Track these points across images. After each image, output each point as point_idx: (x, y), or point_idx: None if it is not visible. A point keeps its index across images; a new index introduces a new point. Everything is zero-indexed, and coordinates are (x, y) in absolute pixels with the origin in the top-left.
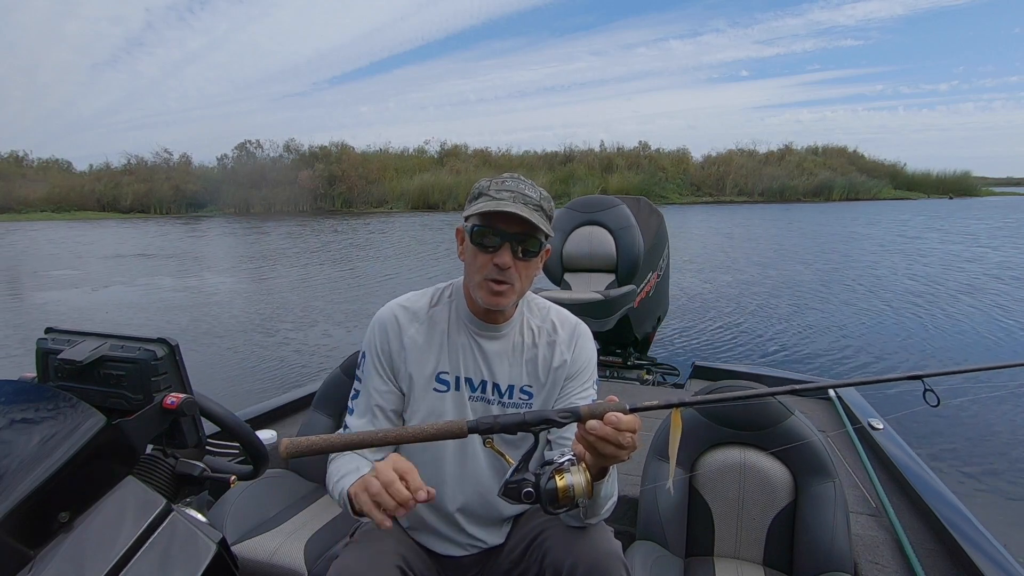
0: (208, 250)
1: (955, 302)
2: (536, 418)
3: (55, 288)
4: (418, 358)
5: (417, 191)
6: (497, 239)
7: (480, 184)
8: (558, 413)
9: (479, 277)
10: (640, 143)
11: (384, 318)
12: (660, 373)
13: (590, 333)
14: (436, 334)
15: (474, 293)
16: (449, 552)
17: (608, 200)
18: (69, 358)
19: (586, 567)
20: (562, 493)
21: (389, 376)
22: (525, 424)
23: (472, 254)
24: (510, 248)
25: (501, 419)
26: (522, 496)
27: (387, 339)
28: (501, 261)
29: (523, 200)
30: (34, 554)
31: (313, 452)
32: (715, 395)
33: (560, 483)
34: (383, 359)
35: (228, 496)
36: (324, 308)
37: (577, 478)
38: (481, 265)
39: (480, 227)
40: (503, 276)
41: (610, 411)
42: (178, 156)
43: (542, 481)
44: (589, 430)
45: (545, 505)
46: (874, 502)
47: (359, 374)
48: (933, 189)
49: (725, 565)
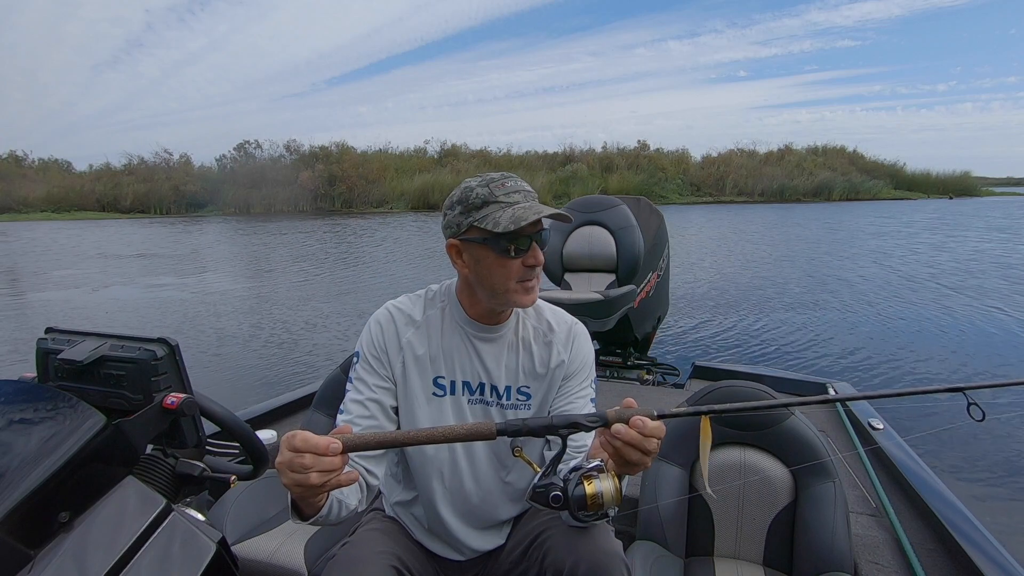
0: (208, 250)
1: (956, 301)
2: (563, 421)
3: (55, 288)
4: (415, 362)
5: (417, 191)
6: (526, 243)
7: (477, 192)
8: (586, 417)
9: (511, 283)
10: (640, 143)
11: (381, 318)
12: (660, 373)
13: (587, 332)
14: (432, 338)
15: (507, 299)
16: (449, 554)
17: (608, 200)
18: (69, 358)
19: (587, 567)
20: (591, 499)
21: (387, 375)
22: (552, 427)
23: (497, 263)
24: (536, 244)
25: (529, 422)
26: (550, 500)
27: (383, 339)
28: (536, 260)
29: (532, 197)
30: (34, 554)
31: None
32: (740, 403)
33: (589, 489)
34: (380, 358)
35: (228, 496)
36: (324, 308)
37: (606, 484)
38: (513, 271)
39: (510, 236)
40: (535, 272)
41: (637, 415)
42: (178, 156)
43: (570, 487)
44: (615, 434)
45: (573, 510)
46: (874, 502)
47: (353, 374)
48: (933, 189)
49: (725, 565)
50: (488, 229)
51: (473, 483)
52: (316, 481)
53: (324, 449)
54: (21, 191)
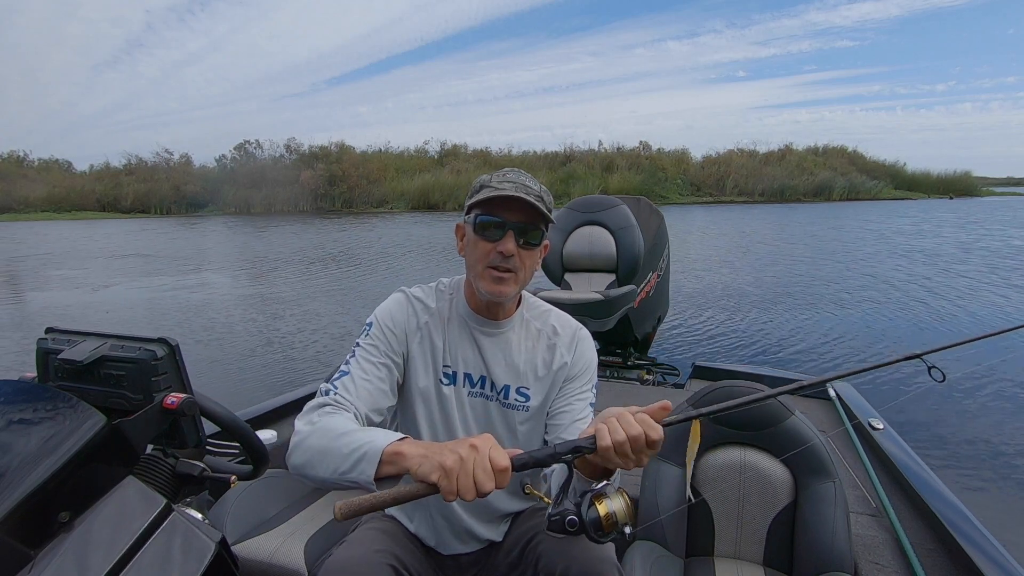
0: (208, 250)
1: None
2: (566, 448)
3: (55, 288)
4: (430, 347)
5: (418, 191)
6: (500, 228)
7: (481, 178)
8: (586, 441)
9: (481, 266)
10: (641, 143)
11: (400, 298)
12: (660, 373)
13: (591, 337)
14: (440, 327)
15: (476, 284)
16: (449, 549)
17: (608, 200)
18: (69, 358)
19: (579, 573)
20: (605, 521)
21: (400, 350)
22: (557, 455)
23: (474, 244)
24: (513, 236)
25: (535, 455)
26: (566, 526)
27: (404, 316)
28: (505, 248)
29: (525, 191)
30: (34, 554)
31: (366, 511)
32: (728, 402)
33: (602, 510)
34: (396, 333)
35: (228, 496)
36: (324, 308)
37: (617, 503)
38: (484, 253)
39: (483, 216)
40: (507, 263)
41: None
42: (178, 156)
43: (583, 510)
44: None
45: (590, 533)
46: (874, 502)
47: (363, 339)
48: (933, 189)
49: (725, 565)
50: (470, 205)
51: None
52: (474, 485)
53: (502, 468)
54: (21, 191)
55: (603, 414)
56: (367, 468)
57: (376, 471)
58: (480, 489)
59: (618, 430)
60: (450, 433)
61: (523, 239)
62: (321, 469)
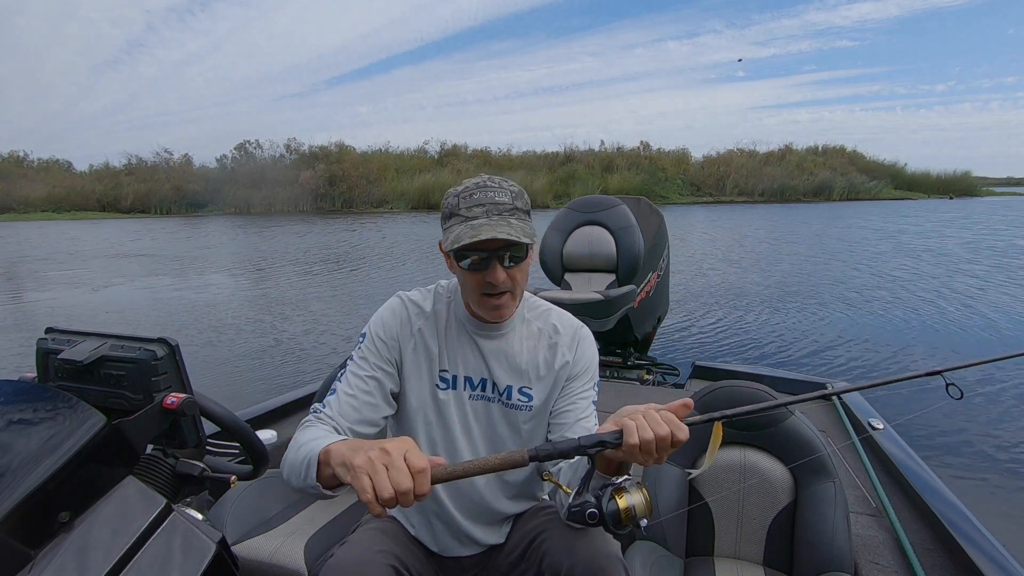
0: (209, 250)
1: (962, 297)
2: (591, 441)
3: (55, 288)
4: (424, 352)
5: (418, 191)
6: (484, 260)
7: (448, 201)
8: (611, 435)
9: (475, 296)
10: (641, 143)
11: (395, 305)
12: (660, 373)
13: (592, 335)
14: (438, 332)
15: (475, 309)
16: (450, 551)
17: (608, 200)
18: (69, 358)
19: (584, 569)
20: (624, 514)
21: (392, 359)
22: (581, 448)
23: (462, 274)
24: (498, 263)
25: (559, 446)
26: (586, 518)
27: (396, 324)
28: (493, 279)
29: (496, 211)
30: (34, 554)
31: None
32: (749, 407)
33: (621, 504)
34: (388, 342)
35: (228, 496)
36: (324, 308)
37: (636, 497)
38: (475, 285)
39: (462, 253)
40: (500, 288)
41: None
42: (178, 156)
43: (603, 503)
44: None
45: (609, 525)
46: (874, 502)
47: (357, 353)
48: (933, 189)
49: (725, 565)
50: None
51: (475, 478)
52: (388, 486)
53: (419, 469)
54: (22, 191)
55: (623, 411)
56: (311, 473)
57: (316, 473)
58: (397, 488)
59: (646, 428)
60: (448, 439)
61: (510, 260)
62: (293, 481)
